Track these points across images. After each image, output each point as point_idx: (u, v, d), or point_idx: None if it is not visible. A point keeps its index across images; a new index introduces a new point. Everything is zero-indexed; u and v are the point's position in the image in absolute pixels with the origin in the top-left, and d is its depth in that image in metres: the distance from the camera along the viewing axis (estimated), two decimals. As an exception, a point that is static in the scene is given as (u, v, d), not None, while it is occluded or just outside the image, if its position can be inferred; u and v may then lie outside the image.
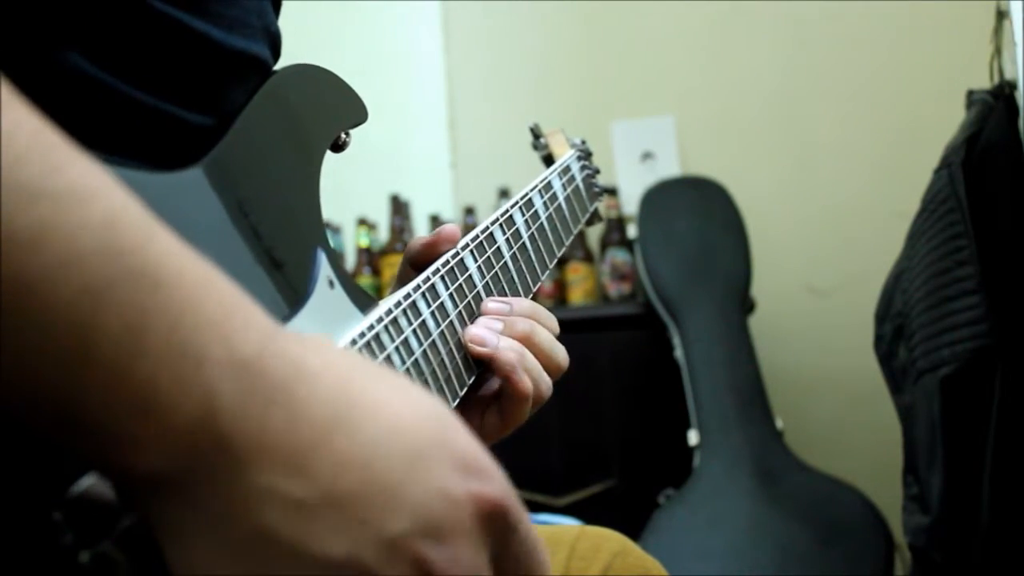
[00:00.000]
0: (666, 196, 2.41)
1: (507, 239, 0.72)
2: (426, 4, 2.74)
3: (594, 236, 2.51)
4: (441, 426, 0.40)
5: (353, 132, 0.62)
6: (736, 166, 2.54)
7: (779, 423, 2.13)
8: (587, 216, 0.90)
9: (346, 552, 0.36)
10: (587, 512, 2.06)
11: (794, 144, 2.58)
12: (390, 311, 0.56)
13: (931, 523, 1.44)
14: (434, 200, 2.65)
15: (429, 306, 0.60)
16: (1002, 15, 1.55)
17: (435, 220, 2.54)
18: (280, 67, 0.59)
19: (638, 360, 2.33)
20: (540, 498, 2.22)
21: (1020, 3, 1.36)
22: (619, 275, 2.44)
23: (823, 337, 2.49)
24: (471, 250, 0.67)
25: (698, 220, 2.36)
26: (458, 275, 0.65)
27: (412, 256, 0.67)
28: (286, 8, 0.64)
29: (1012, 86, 1.51)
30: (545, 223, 0.78)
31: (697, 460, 2.11)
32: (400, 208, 2.55)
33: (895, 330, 1.57)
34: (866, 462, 2.22)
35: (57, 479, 0.37)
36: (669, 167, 2.58)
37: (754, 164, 2.58)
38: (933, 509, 1.44)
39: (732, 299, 2.26)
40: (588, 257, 2.47)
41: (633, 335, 2.34)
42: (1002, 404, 1.35)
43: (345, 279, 0.57)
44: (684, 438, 2.14)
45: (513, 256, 0.72)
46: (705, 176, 2.46)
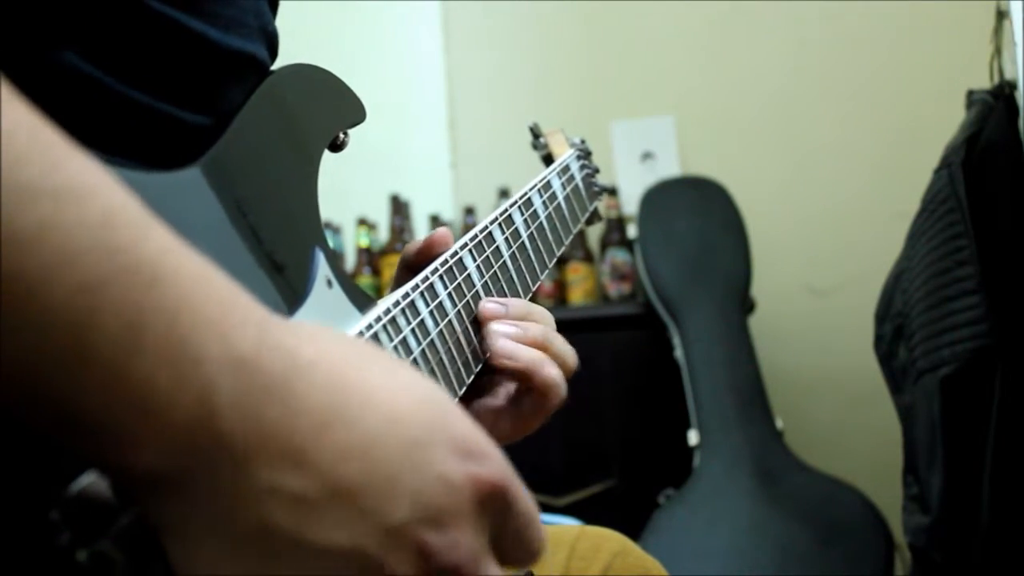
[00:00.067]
0: (666, 196, 2.41)
1: (506, 238, 0.72)
2: (426, 4, 2.74)
3: (594, 236, 2.51)
4: (437, 409, 0.40)
5: (353, 132, 0.62)
6: (736, 166, 2.54)
7: (779, 423, 2.13)
8: (587, 215, 0.90)
9: (349, 543, 0.36)
10: (587, 512, 2.06)
11: (794, 144, 2.58)
12: (389, 310, 0.56)
13: (931, 523, 1.44)
14: (434, 200, 2.65)
15: (428, 305, 0.60)
16: (1002, 15, 1.55)
17: (435, 220, 2.54)
18: (278, 67, 0.59)
19: (638, 360, 2.33)
20: (540, 498, 2.21)
21: (1020, 3, 1.36)
22: (619, 275, 2.44)
23: (823, 337, 2.48)
24: (470, 249, 0.67)
25: (698, 220, 2.36)
26: (457, 274, 0.64)
27: (407, 261, 0.67)
28: (286, 7, 0.64)
29: (1012, 86, 1.50)
30: (544, 222, 0.78)
31: (697, 460, 2.11)
32: (400, 208, 2.55)
33: (895, 330, 1.57)
34: (866, 462, 2.22)
35: (54, 478, 0.37)
36: (669, 167, 2.58)
37: (754, 164, 2.58)
38: (933, 509, 1.44)
39: (732, 299, 2.26)
40: (588, 257, 2.47)
41: (633, 335, 2.34)
42: (1002, 404, 1.35)
43: (343, 279, 0.57)
44: (684, 438, 2.14)
45: (512, 255, 0.72)
46: (705, 176, 2.46)
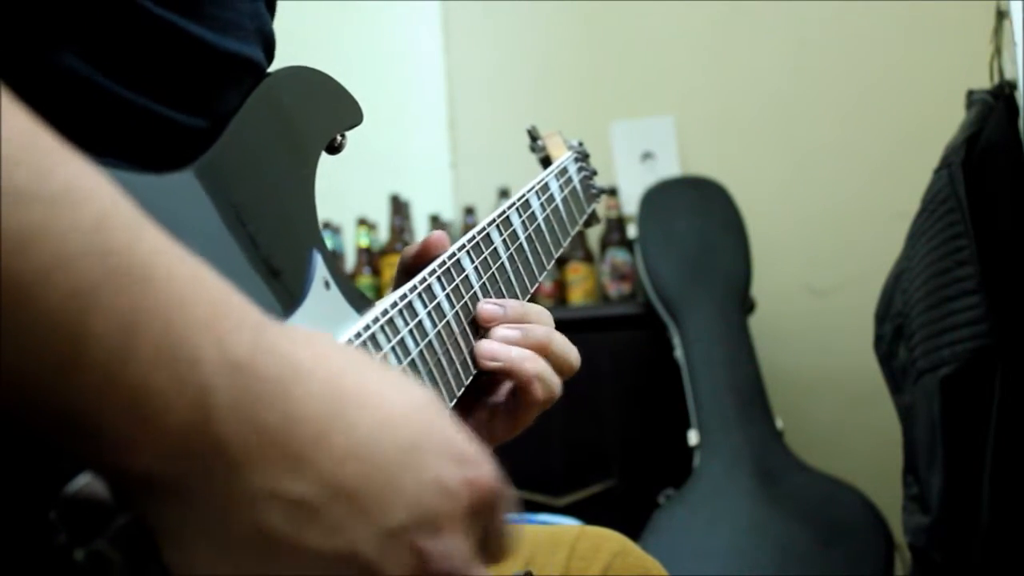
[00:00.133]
0: (666, 196, 2.41)
1: (504, 240, 0.72)
2: (426, 4, 2.74)
3: (594, 236, 2.51)
4: (431, 416, 0.41)
5: (353, 132, 0.62)
6: (736, 166, 2.54)
7: (779, 423, 2.13)
8: (585, 217, 0.90)
9: (346, 547, 0.36)
10: (587, 512, 2.06)
11: (794, 144, 2.57)
12: (386, 311, 0.56)
13: (931, 523, 1.44)
14: (434, 200, 2.65)
15: (426, 306, 0.60)
16: (1002, 15, 1.55)
17: (435, 220, 2.54)
18: (275, 69, 0.59)
19: (638, 360, 2.33)
20: (540, 498, 2.21)
21: (1020, 3, 1.36)
22: (619, 275, 2.44)
23: (823, 337, 2.48)
24: (468, 251, 0.67)
25: (698, 220, 2.36)
26: (455, 276, 0.64)
27: (405, 265, 0.67)
28: (286, 8, 0.64)
29: (1012, 86, 1.50)
30: (542, 224, 0.78)
31: (697, 460, 2.11)
32: (400, 208, 2.55)
33: (895, 330, 1.57)
34: (866, 462, 2.22)
35: (52, 478, 0.37)
36: (669, 167, 2.58)
37: (754, 164, 2.57)
38: (933, 509, 1.44)
39: (732, 299, 2.26)
40: (588, 257, 2.47)
41: (633, 335, 2.34)
42: (1002, 404, 1.35)
43: (341, 280, 0.57)
44: (684, 438, 2.14)
45: (510, 257, 0.72)
46: (705, 176, 2.45)
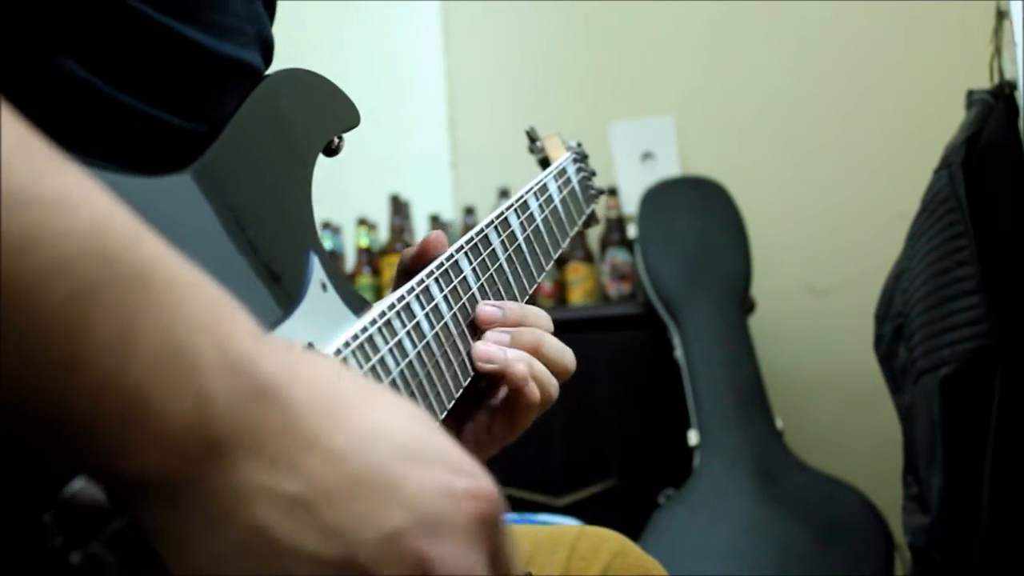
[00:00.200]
0: (666, 196, 2.41)
1: (502, 241, 0.72)
2: (426, 4, 2.73)
3: (594, 236, 2.51)
4: (431, 431, 0.41)
5: (353, 132, 0.62)
6: (736, 166, 2.54)
7: (779, 423, 2.13)
8: (584, 218, 0.90)
9: (344, 549, 0.36)
10: (587, 512, 2.06)
11: (794, 144, 2.57)
12: (383, 313, 0.56)
13: (931, 523, 1.44)
14: (434, 200, 2.64)
15: (423, 308, 0.60)
16: (1002, 15, 1.55)
17: (435, 220, 2.54)
18: (271, 71, 0.59)
19: (638, 360, 2.33)
20: (540, 498, 2.21)
21: (1020, 3, 1.36)
22: (619, 275, 2.44)
23: (823, 337, 2.48)
24: (466, 252, 0.67)
25: (698, 220, 2.36)
26: (452, 277, 0.64)
27: (404, 266, 0.67)
28: (286, 8, 0.64)
29: (1012, 86, 1.50)
30: (541, 225, 0.78)
31: (697, 460, 2.11)
32: (400, 208, 2.55)
33: (895, 330, 1.57)
34: (866, 462, 2.22)
35: (48, 481, 0.37)
36: (669, 167, 2.58)
37: (754, 164, 2.57)
38: (933, 509, 1.44)
39: (732, 299, 2.26)
40: (588, 257, 2.47)
41: (633, 335, 2.34)
42: (1002, 404, 1.35)
43: (339, 282, 0.57)
44: (684, 438, 2.14)
45: (508, 258, 0.72)
46: (705, 176, 2.45)
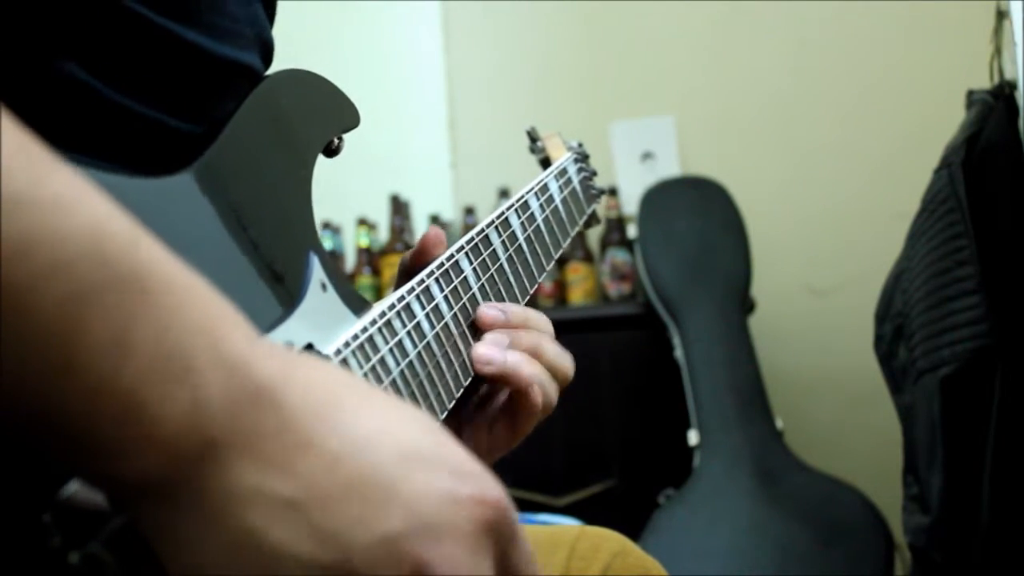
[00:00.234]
0: (666, 196, 2.41)
1: (503, 241, 0.71)
2: (426, 4, 2.73)
3: (594, 236, 2.51)
4: (433, 434, 0.40)
5: (353, 132, 0.62)
6: (736, 166, 2.54)
7: (779, 423, 2.13)
8: (585, 218, 0.90)
9: (337, 552, 0.35)
10: (587, 512, 2.06)
11: (794, 144, 2.57)
12: (384, 313, 0.56)
13: (931, 523, 1.44)
14: (434, 200, 2.65)
15: (424, 308, 0.60)
16: (1002, 15, 1.55)
17: (435, 220, 2.54)
18: (271, 72, 0.59)
19: (638, 360, 2.33)
20: (540, 498, 2.22)
21: (1020, 3, 1.36)
22: (619, 275, 2.44)
23: (823, 337, 2.48)
24: (466, 252, 0.67)
25: (698, 220, 2.36)
26: (453, 277, 0.64)
27: (404, 266, 0.67)
28: (286, 8, 0.64)
29: (1012, 86, 1.50)
30: (541, 225, 0.78)
31: (697, 460, 2.11)
32: (400, 208, 2.55)
33: (895, 330, 1.57)
34: (866, 462, 2.22)
35: (47, 480, 0.37)
36: (669, 167, 2.58)
37: (754, 164, 2.57)
38: (933, 509, 1.44)
39: (732, 299, 2.26)
40: (588, 257, 2.47)
41: (633, 335, 2.34)
42: (1002, 404, 1.35)
43: (339, 282, 0.57)
44: (684, 438, 2.14)
45: (509, 258, 0.72)
46: (705, 176, 2.45)
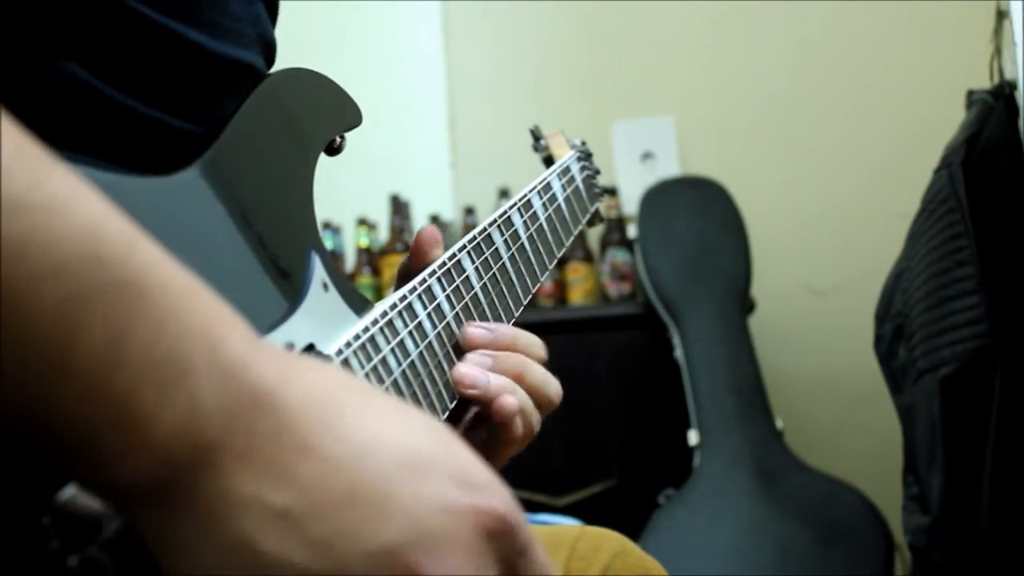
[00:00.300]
0: (666, 196, 2.41)
1: (505, 240, 0.71)
2: (426, 4, 2.73)
3: (594, 236, 2.51)
4: (438, 439, 0.39)
5: (353, 132, 0.62)
6: (736, 166, 2.54)
7: (779, 423, 2.13)
8: (588, 216, 0.90)
9: (333, 566, 0.35)
10: (587, 512, 2.06)
11: (794, 144, 2.57)
12: (386, 313, 0.56)
13: (931, 523, 1.44)
14: (434, 200, 2.64)
15: (425, 308, 0.60)
16: (1002, 15, 1.55)
17: (435, 220, 2.54)
18: (273, 71, 0.59)
19: (638, 360, 2.33)
20: (540, 498, 2.21)
21: (1020, 3, 1.36)
22: (619, 275, 2.44)
23: (823, 337, 2.48)
24: (468, 251, 0.66)
25: (698, 220, 2.36)
26: (455, 276, 0.64)
27: (403, 268, 0.66)
28: (286, 8, 0.64)
29: (1012, 86, 1.50)
30: (544, 224, 0.78)
31: (697, 460, 2.11)
32: (400, 208, 2.55)
33: (895, 330, 1.57)
34: (866, 462, 2.22)
35: (46, 483, 0.36)
36: (669, 167, 2.58)
37: (754, 164, 2.57)
38: (933, 509, 1.44)
39: (732, 299, 2.26)
40: (588, 257, 2.47)
41: (633, 335, 2.34)
42: (1002, 404, 1.35)
43: (340, 282, 0.56)
44: (684, 438, 2.14)
45: (512, 257, 0.72)
46: (705, 176, 2.45)
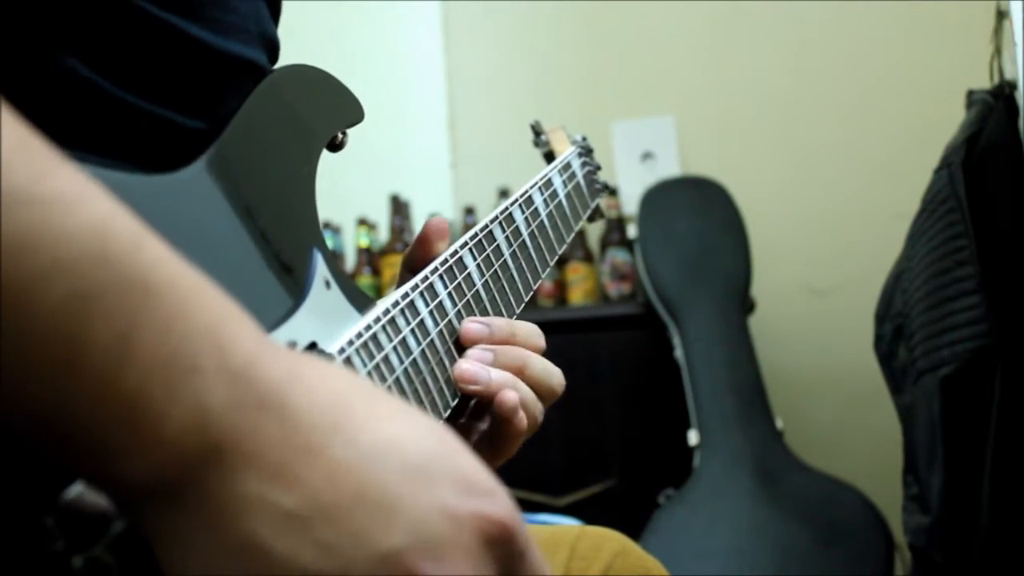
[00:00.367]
0: (666, 196, 2.41)
1: (507, 237, 0.71)
2: (426, 4, 2.73)
3: (594, 236, 2.51)
4: (442, 444, 0.39)
5: (353, 131, 0.62)
6: (736, 166, 2.54)
7: (779, 423, 2.13)
8: (588, 212, 0.90)
9: (337, 567, 0.35)
10: (587, 512, 2.06)
11: (794, 144, 2.57)
12: (388, 311, 0.56)
13: (931, 523, 1.44)
14: (434, 200, 2.64)
15: (427, 305, 0.60)
16: (1002, 15, 1.55)
17: (435, 220, 2.53)
18: (275, 68, 0.59)
19: (638, 360, 2.33)
20: (540, 498, 2.21)
21: (1020, 3, 1.36)
22: (619, 275, 2.44)
23: (823, 337, 2.48)
24: (470, 248, 0.66)
25: (698, 220, 2.36)
26: (456, 274, 0.64)
27: (407, 258, 0.66)
28: (286, 8, 0.64)
29: (1012, 86, 1.50)
30: (545, 220, 0.78)
31: (697, 460, 2.10)
32: (400, 208, 2.55)
33: (895, 330, 1.57)
34: (866, 462, 2.22)
35: (50, 483, 0.36)
36: (669, 167, 2.58)
37: (754, 164, 2.57)
38: (933, 509, 1.44)
39: (732, 299, 2.26)
40: (588, 257, 2.47)
41: (633, 335, 2.34)
42: (1002, 404, 1.35)
43: (342, 279, 0.56)
44: (684, 438, 2.14)
45: (513, 254, 0.71)
46: (705, 176, 2.45)
